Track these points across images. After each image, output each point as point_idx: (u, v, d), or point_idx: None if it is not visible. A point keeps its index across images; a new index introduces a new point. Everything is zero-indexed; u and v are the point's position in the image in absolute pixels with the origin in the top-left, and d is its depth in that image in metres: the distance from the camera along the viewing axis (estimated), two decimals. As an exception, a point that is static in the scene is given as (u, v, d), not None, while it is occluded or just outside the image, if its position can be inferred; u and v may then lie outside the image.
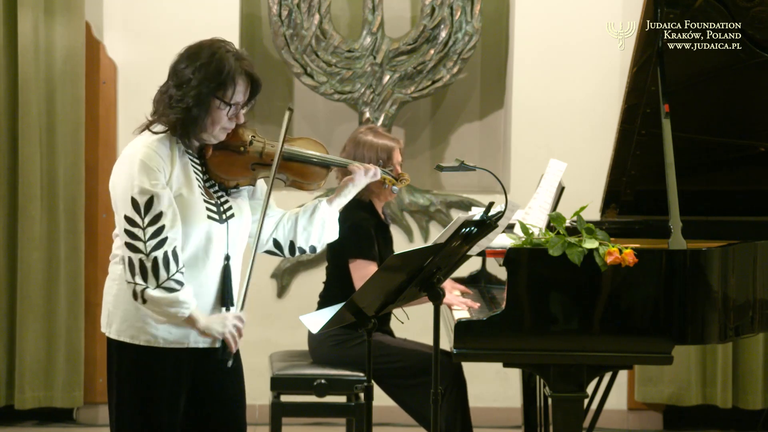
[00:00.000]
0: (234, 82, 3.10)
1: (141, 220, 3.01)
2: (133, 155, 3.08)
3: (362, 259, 4.34)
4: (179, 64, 3.13)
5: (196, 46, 3.14)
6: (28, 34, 5.41)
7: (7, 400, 5.57)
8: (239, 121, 3.18)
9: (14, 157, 5.48)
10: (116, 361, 3.16)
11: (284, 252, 3.38)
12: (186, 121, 3.09)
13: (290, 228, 3.36)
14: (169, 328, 3.11)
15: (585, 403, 3.67)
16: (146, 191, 3.02)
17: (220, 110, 3.11)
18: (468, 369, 4.48)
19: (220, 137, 3.17)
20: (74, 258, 5.53)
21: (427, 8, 5.75)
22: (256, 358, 5.37)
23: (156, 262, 3.00)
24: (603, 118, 5.60)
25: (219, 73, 3.08)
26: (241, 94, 3.14)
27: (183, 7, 5.63)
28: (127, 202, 3.02)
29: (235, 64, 3.10)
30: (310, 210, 3.35)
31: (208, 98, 3.08)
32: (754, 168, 4.33)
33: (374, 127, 4.52)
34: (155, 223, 3.01)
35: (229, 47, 3.14)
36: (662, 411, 5.79)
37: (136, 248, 3.01)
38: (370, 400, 3.34)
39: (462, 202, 5.82)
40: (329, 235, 3.40)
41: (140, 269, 3.00)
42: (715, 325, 3.61)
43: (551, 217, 3.63)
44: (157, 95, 3.17)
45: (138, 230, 3.01)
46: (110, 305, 3.15)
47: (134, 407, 3.13)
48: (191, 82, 3.08)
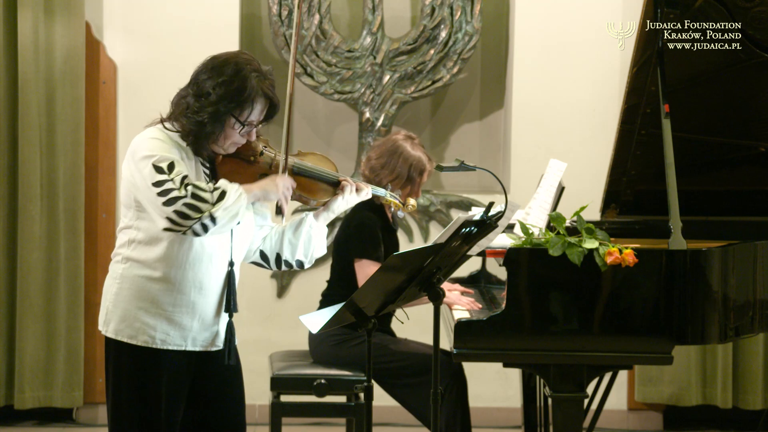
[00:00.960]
0: (252, 105, 3.09)
1: (167, 175, 2.99)
2: (146, 136, 3.08)
3: (367, 260, 4.34)
4: (202, 74, 3.10)
5: (222, 60, 3.10)
6: (28, 34, 5.41)
7: (7, 400, 5.57)
8: (251, 138, 3.17)
9: (14, 157, 5.48)
10: (114, 361, 3.15)
11: (270, 264, 3.37)
12: (198, 134, 3.08)
13: (277, 240, 3.34)
14: (167, 329, 3.11)
15: (585, 403, 3.67)
16: (166, 158, 3.02)
17: (233, 128, 3.11)
18: (468, 369, 4.48)
19: (229, 150, 3.17)
20: (74, 258, 5.52)
21: (427, 8, 5.74)
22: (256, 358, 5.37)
23: (194, 192, 2.99)
24: (603, 118, 5.60)
25: (240, 94, 3.06)
26: (257, 115, 3.12)
27: (183, 7, 5.63)
28: (149, 171, 3.00)
29: (257, 85, 3.08)
30: (296, 223, 3.34)
31: (225, 116, 3.07)
32: (754, 168, 4.33)
33: (412, 135, 4.50)
34: (179, 174, 3.00)
35: (255, 65, 3.11)
36: (662, 411, 5.79)
37: (175, 198, 2.98)
38: (370, 400, 3.34)
39: (462, 202, 5.82)
40: (317, 250, 3.37)
41: (191, 207, 2.98)
42: (715, 325, 3.61)
43: (551, 217, 3.63)
44: (175, 98, 3.15)
45: (168, 183, 2.99)
46: (109, 304, 3.14)
47: (132, 407, 3.13)
48: (210, 97, 3.06)
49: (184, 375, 3.16)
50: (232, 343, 3.21)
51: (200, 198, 2.99)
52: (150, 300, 3.10)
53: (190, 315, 3.13)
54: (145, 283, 3.10)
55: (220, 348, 3.20)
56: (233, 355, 3.22)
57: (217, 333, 3.19)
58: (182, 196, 2.97)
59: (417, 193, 4.41)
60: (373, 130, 5.74)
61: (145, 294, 3.10)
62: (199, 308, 3.13)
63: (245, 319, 5.71)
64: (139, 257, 3.10)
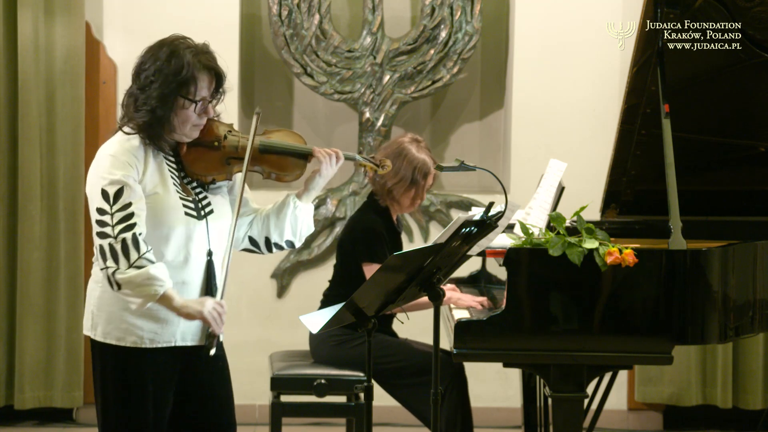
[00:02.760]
0: (195, 79, 3.08)
1: (110, 208, 3.02)
2: (104, 152, 3.11)
3: (377, 263, 4.33)
4: (141, 65, 3.12)
5: (156, 46, 3.12)
6: (28, 34, 5.41)
7: (7, 400, 5.57)
8: (209, 115, 3.16)
9: (14, 157, 5.47)
10: (102, 364, 3.16)
11: (261, 248, 3.37)
12: (153, 123, 3.08)
13: (263, 223, 3.34)
14: (154, 327, 3.11)
15: (585, 403, 3.67)
16: (117, 182, 3.03)
17: (186, 108, 3.10)
18: (468, 369, 4.48)
19: (192, 135, 3.15)
20: (74, 258, 5.52)
21: (427, 8, 5.74)
22: (256, 358, 5.38)
23: (125, 243, 3.00)
24: (603, 118, 5.60)
25: (178, 72, 3.06)
26: (206, 90, 3.12)
27: (183, 7, 5.63)
28: (98, 194, 3.04)
29: (194, 60, 3.08)
30: (280, 205, 3.34)
31: (172, 98, 3.07)
32: (754, 168, 4.33)
33: (419, 138, 4.50)
34: (124, 210, 3.02)
35: (190, 43, 3.12)
36: (662, 411, 5.79)
37: (105, 234, 3.02)
38: (370, 400, 3.34)
39: (462, 202, 5.82)
40: (304, 229, 3.36)
41: (111, 253, 3.01)
42: (715, 325, 3.61)
43: (551, 217, 3.63)
44: (124, 98, 3.16)
45: (107, 217, 3.02)
46: (94, 307, 3.15)
47: (121, 409, 3.13)
48: (153, 84, 3.07)
49: (173, 373, 3.16)
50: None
51: (124, 252, 3.00)
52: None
53: None
54: None
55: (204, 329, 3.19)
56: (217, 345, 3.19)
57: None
58: (110, 235, 3.02)
59: (422, 196, 4.41)
60: (373, 130, 5.74)
61: None
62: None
63: (245, 319, 5.72)
64: None
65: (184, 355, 3.17)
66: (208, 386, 3.23)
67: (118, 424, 3.14)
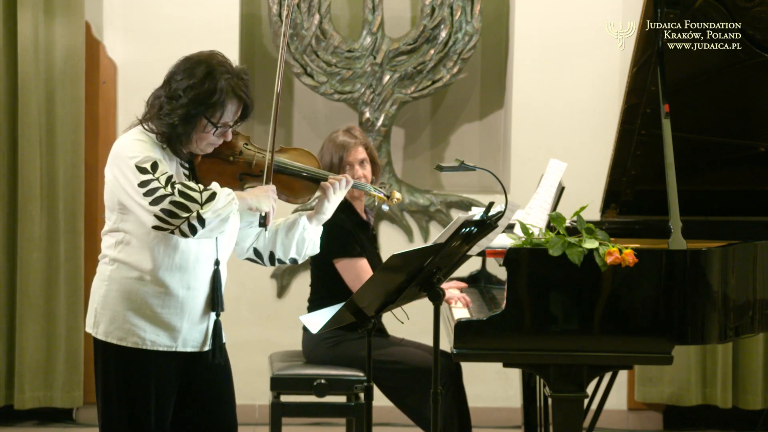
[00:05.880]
0: (223, 106, 3.06)
1: (153, 175, 2.98)
2: (129, 138, 3.08)
3: (348, 258, 4.32)
4: (175, 74, 3.08)
5: (194, 60, 3.08)
6: (28, 34, 5.41)
7: (7, 400, 5.57)
8: (226, 139, 3.14)
9: (14, 157, 5.48)
10: (103, 363, 3.16)
11: (264, 261, 3.37)
12: (170, 136, 3.07)
13: (270, 239, 3.33)
14: (157, 331, 3.11)
15: (585, 403, 3.67)
16: (149, 158, 3.01)
17: (207, 130, 3.08)
18: (468, 369, 4.48)
19: (207, 150, 3.14)
20: (74, 258, 5.52)
21: (427, 8, 5.74)
22: (256, 358, 5.38)
23: (183, 191, 2.98)
24: (603, 118, 5.60)
25: (210, 96, 3.04)
26: (230, 116, 3.10)
27: (183, 7, 5.63)
28: (133, 172, 2.99)
29: (227, 86, 3.05)
30: (290, 224, 3.32)
31: (196, 119, 3.05)
32: (754, 168, 4.33)
33: (351, 127, 4.47)
34: (165, 174, 2.99)
35: (227, 67, 3.08)
36: (662, 411, 5.79)
37: (162, 196, 2.96)
38: (370, 400, 3.34)
39: (462, 202, 5.82)
40: (310, 250, 3.36)
41: (178, 206, 2.96)
42: (715, 325, 3.61)
43: (551, 217, 3.63)
44: (150, 98, 3.14)
45: (154, 183, 2.97)
46: (98, 305, 3.14)
47: (122, 408, 3.13)
48: (181, 99, 3.04)
49: (173, 375, 3.16)
50: (219, 342, 3.21)
51: (188, 197, 2.97)
52: (138, 302, 3.10)
53: (179, 315, 3.13)
54: (134, 285, 3.10)
55: (210, 349, 3.20)
56: (221, 353, 3.21)
57: (207, 332, 3.19)
58: (169, 194, 2.96)
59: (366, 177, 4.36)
60: (373, 130, 5.74)
61: (134, 296, 3.10)
62: (188, 308, 3.13)
63: (245, 319, 5.72)
64: (126, 259, 3.10)
65: (186, 359, 3.18)
66: (210, 387, 3.23)
67: (119, 423, 3.14)
